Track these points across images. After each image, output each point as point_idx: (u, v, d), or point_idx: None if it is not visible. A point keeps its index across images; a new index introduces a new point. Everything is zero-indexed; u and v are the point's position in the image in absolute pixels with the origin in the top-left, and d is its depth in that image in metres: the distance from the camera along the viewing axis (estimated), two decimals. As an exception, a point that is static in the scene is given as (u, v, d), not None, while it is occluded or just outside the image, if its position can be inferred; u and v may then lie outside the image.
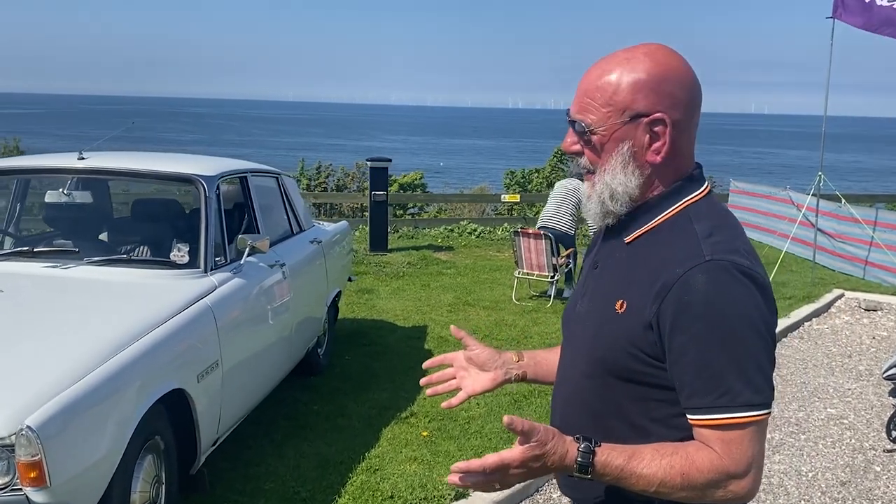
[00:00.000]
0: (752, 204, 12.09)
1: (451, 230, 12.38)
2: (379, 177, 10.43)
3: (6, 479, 2.52)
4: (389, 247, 10.50)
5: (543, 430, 1.40)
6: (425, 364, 1.83)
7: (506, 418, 1.40)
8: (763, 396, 1.39)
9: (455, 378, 1.83)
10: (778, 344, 7.00)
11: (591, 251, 1.76)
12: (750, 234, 11.98)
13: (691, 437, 1.44)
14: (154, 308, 3.39)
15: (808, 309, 7.97)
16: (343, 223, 6.67)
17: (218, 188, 4.20)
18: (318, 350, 5.60)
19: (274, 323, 4.39)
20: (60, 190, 4.22)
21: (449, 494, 3.89)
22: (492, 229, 12.68)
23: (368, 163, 10.55)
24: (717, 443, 1.39)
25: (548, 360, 1.84)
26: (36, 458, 2.45)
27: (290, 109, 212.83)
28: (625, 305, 1.48)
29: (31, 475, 2.47)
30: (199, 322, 3.54)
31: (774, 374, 1.44)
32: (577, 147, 1.53)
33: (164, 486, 3.29)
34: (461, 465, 1.43)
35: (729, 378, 1.37)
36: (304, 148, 52.22)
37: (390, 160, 10.70)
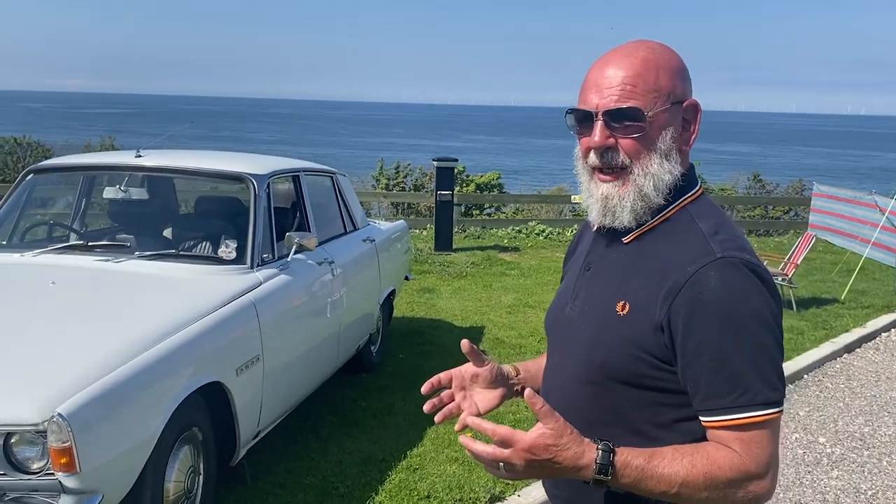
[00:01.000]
0: (834, 208, 11.60)
1: (520, 231, 12.31)
2: (445, 177, 10.45)
3: (41, 464, 2.62)
4: (455, 246, 10.52)
5: (563, 422, 1.35)
6: (424, 389, 1.65)
7: (527, 392, 1.36)
8: (779, 394, 1.36)
9: (454, 398, 1.66)
10: (850, 354, 6.70)
11: (573, 252, 1.71)
12: (831, 238, 11.48)
13: (698, 442, 1.39)
14: (195, 302, 3.47)
15: (886, 319, 7.60)
16: (401, 222, 6.70)
17: (268, 187, 4.27)
18: (371, 348, 5.64)
19: (320, 320, 4.44)
20: (117, 186, 4.37)
21: (483, 497, 3.86)
22: (560, 230, 12.54)
23: (435, 163, 10.58)
24: (735, 443, 1.34)
25: (539, 369, 1.78)
26: (66, 444, 2.54)
27: (373, 110, 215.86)
28: (627, 307, 1.43)
29: (62, 461, 2.56)
30: (241, 317, 3.61)
31: (842, 385, 1.37)
32: (612, 140, 1.46)
33: (200, 477, 3.37)
34: (475, 420, 1.42)
35: (748, 377, 1.34)
36: (385, 148, 52.83)
37: (457, 160, 10.71)
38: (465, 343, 1.62)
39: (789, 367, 6.17)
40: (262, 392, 3.72)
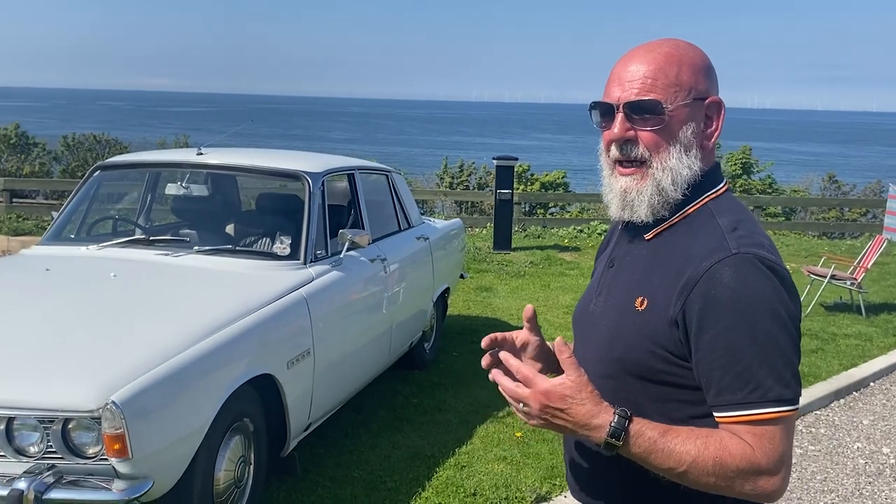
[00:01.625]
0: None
1: (581, 230, 12.21)
2: (505, 175, 10.44)
3: (96, 449, 2.73)
4: (514, 246, 10.50)
5: (586, 379, 1.37)
6: (484, 343, 1.61)
7: (557, 340, 1.39)
8: (792, 391, 1.35)
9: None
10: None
11: (604, 249, 1.72)
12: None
13: None
14: (248, 296, 3.57)
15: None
16: (456, 220, 6.74)
17: (323, 184, 4.36)
18: (425, 345, 5.69)
19: (372, 316, 4.51)
20: (179, 183, 4.52)
21: (529, 497, 3.86)
22: (624, 230, 12.38)
23: (495, 161, 10.58)
24: (748, 437, 1.34)
25: None
26: (119, 431, 2.64)
27: (441, 108, 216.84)
28: (645, 302, 1.45)
29: (115, 447, 2.66)
30: (293, 311, 3.69)
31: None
32: (632, 133, 1.48)
33: (251, 467, 3.46)
34: (505, 354, 1.45)
35: (759, 373, 1.33)
36: (451, 146, 53.05)
37: (517, 159, 10.69)
38: (529, 308, 1.62)
39: (855, 374, 5.98)
40: (313, 385, 3.80)
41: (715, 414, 1.38)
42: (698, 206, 1.49)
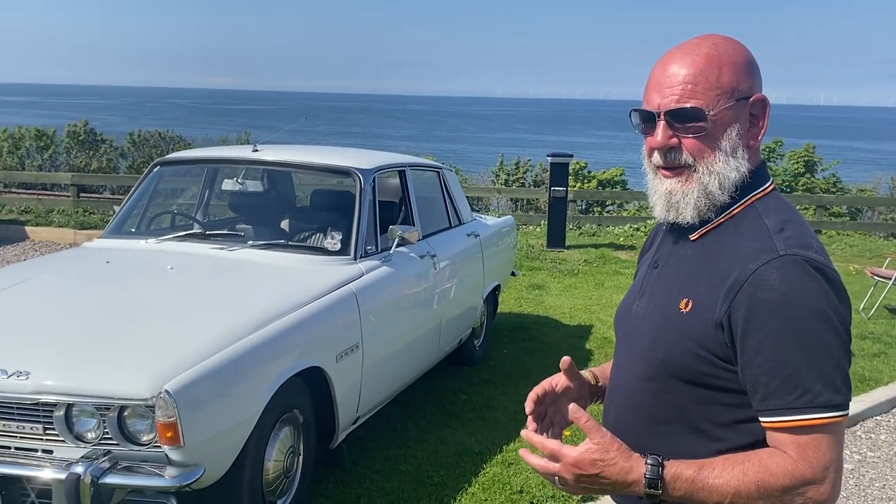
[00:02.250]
0: None
1: (637, 229, 12.05)
2: (559, 172, 10.36)
3: (150, 436, 2.82)
4: (568, 243, 10.43)
5: (610, 437, 1.37)
6: (528, 410, 1.64)
7: (571, 406, 1.39)
8: (842, 397, 1.32)
9: (546, 414, 1.67)
10: None
11: (647, 250, 1.70)
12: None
13: (760, 443, 1.37)
14: (299, 290, 3.63)
15: None
16: (508, 218, 6.73)
17: (374, 181, 4.41)
18: (475, 342, 5.70)
19: (420, 311, 4.54)
20: (235, 179, 4.62)
21: (576, 496, 3.84)
22: (681, 229, 12.18)
23: (549, 158, 10.51)
24: (792, 447, 1.32)
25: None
26: (172, 419, 2.72)
27: (499, 106, 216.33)
28: (690, 304, 1.43)
29: (168, 435, 2.74)
30: (342, 306, 3.75)
31: None
32: (675, 140, 1.46)
33: (300, 457, 3.53)
34: (528, 433, 1.47)
35: (807, 377, 1.30)
36: (508, 144, 52.89)
37: (571, 156, 10.61)
38: (565, 360, 1.66)
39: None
40: (361, 379, 3.85)
41: (761, 419, 1.35)
42: (744, 206, 1.47)
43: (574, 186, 14.56)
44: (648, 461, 1.34)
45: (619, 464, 1.35)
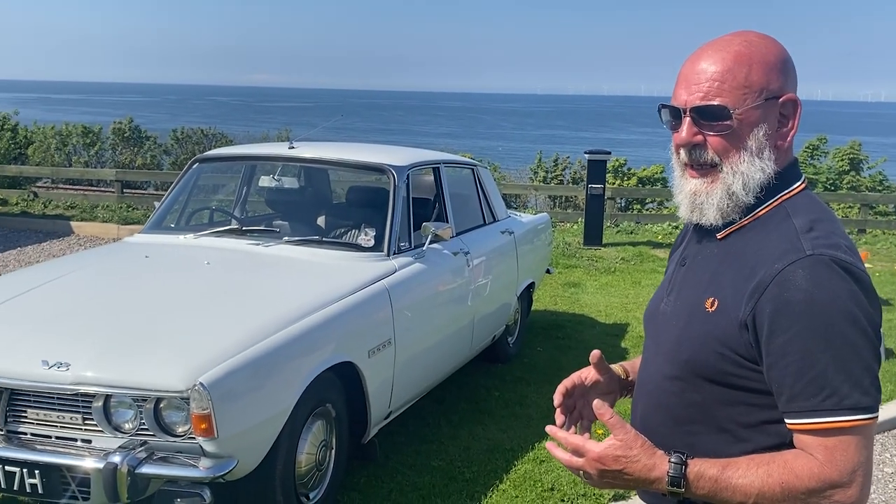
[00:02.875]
0: None
1: (676, 227, 11.91)
2: (597, 170, 10.30)
3: (185, 428, 2.88)
4: (605, 241, 10.36)
5: (634, 434, 1.38)
6: (556, 402, 1.67)
7: (596, 402, 1.40)
8: (871, 399, 1.30)
9: (575, 407, 1.70)
10: None
11: (677, 247, 1.70)
12: None
13: (786, 445, 1.36)
14: (332, 286, 3.67)
15: None
16: (543, 215, 6.71)
17: (407, 178, 4.43)
18: (508, 339, 5.70)
19: (453, 308, 4.56)
20: (272, 176, 4.69)
21: (607, 494, 3.82)
22: (722, 227, 12.02)
23: (587, 155, 10.46)
24: (819, 450, 1.30)
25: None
26: (206, 411, 2.77)
27: (538, 102, 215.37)
28: (716, 304, 1.42)
29: (202, 426, 2.80)
30: (375, 302, 3.78)
31: None
32: (700, 138, 1.45)
33: (332, 451, 3.57)
34: (552, 428, 1.48)
35: (835, 379, 1.29)
36: (547, 140, 52.62)
37: (609, 153, 10.55)
38: (595, 353, 1.67)
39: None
40: (394, 374, 3.87)
41: (787, 421, 1.34)
42: (773, 205, 1.45)
43: (613, 184, 14.44)
44: (672, 459, 1.35)
45: (643, 461, 1.35)
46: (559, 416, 1.65)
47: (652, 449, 1.36)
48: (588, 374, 1.70)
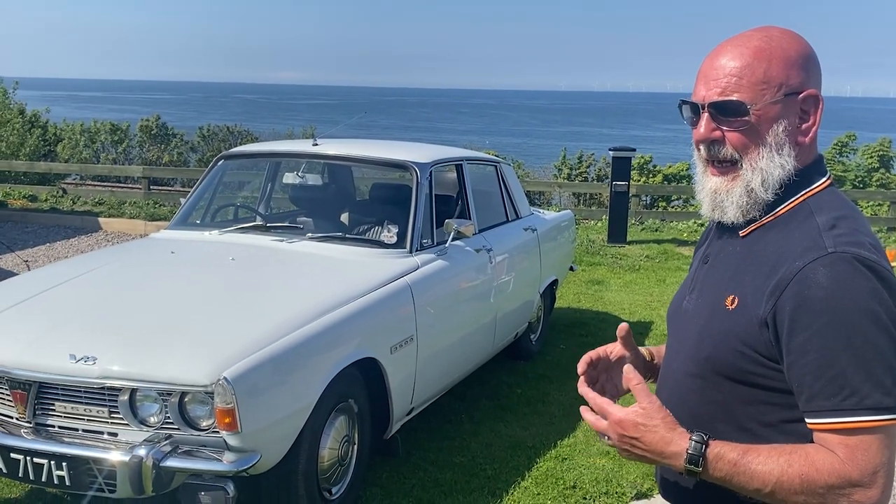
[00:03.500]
0: None
1: (703, 224, 11.82)
2: (621, 167, 10.25)
3: (209, 422, 2.91)
4: (629, 239, 10.31)
5: (658, 405, 1.38)
6: (580, 370, 1.66)
7: (627, 366, 1.42)
8: (893, 399, 1.28)
9: (598, 381, 1.70)
10: None
11: (701, 245, 1.69)
12: None
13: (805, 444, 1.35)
14: (355, 282, 3.69)
15: None
16: (567, 212, 6.69)
17: (430, 175, 4.44)
18: (531, 336, 5.70)
19: (476, 305, 4.56)
20: (295, 173, 4.72)
21: (630, 493, 3.81)
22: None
23: (611, 152, 10.40)
24: (840, 448, 1.29)
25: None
26: (230, 406, 2.80)
27: (564, 99, 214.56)
28: (736, 301, 1.42)
29: (226, 420, 2.82)
30: (397, 298, 3.79)
31: None
32: (718, 133, 1.45)
33: (355, 446, 3.59)
34: (583, 388, 1.52)
35: (855, 379, 1.28)
36: (572, 137, 52.42)
37: (634, 150, 10.49)
38: (623, 326, 1.67)
39: None
40: (416, 371, 3.89)
41: (807, 420, 1.33)
42: (797, 202, 1.44)
43: (638, 181, 14.36)
44: (693, 437, 1.34)
45: (661, 433, 1.35)
46: (582, 385, 1.62)
47: (673, 423, 1.36)
48: (614, 348, 1.70)
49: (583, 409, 1.48)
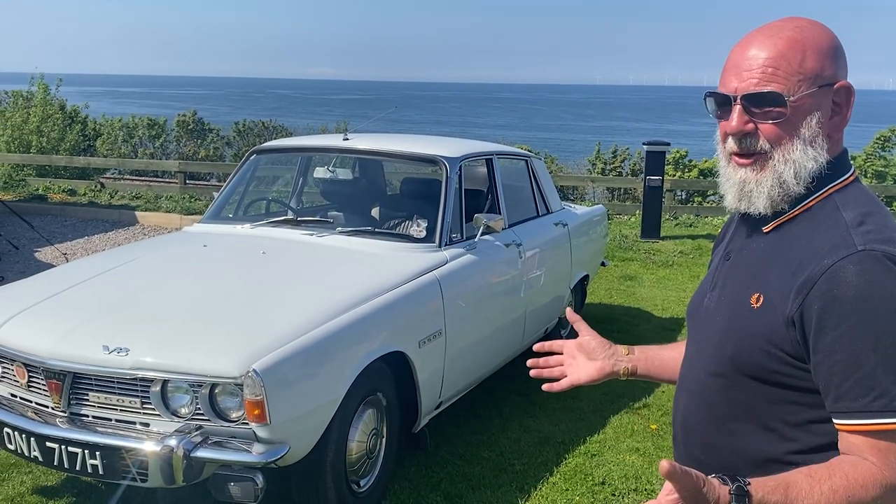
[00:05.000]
0: None
1: (738, 220, 11.69)
2: (655, 161, 10.14)
3: (239, 413, 2.94)
4: (663, 234, 10.20)
5: (693, 478, 1.20)
6: (535, 347, 1.87)
7: (662, 465, 1.19)
8: None
9: (562, 365, 1.82)
10: None
11: (721, 241, 1.66)
12: None
13: (834, 445, 1.32)
14: (384, 276, 3.71)
15: None
16: (598, 207, 6.65)
17: (460, 169, 4.43)
18: (561, 332, 5.66)
19: (505, 300, 4.55)
20: (326, 167, 4.74)
21: (660, 490, 3.77)
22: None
23: (645, 147, 10.30)
24: (871, 452, 1.26)
25: (661, 356, 1.78)
26: (259, 398, 2.83)
27: (597, 93, 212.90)
28: (761, 300, 1.38)
29: (255, 412, 2.85)
30: (426, 292, 3.80)
31: None
32: (751, 126, 1.41)
33: (383, 440, 3.60)
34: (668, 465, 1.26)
35: (884, 380, 1.25)
36: (607, 132, 52.02)
37: (668, 144, 10.37)
38: (568, 311, 1.83)
39: None
40: (444, 365, 3.89)
41: (835, 421, 1.30)
42: (821, 197, 1.41)
43: (673, 175, 14.18)
44: (732, 490, 1.21)
45: (710, 498, 1.19)
46: (531, 362, 1.81)
47: (712, 483, 1.22)
48: (577, 340, 1.83)
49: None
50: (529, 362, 1.85)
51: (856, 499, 1.24)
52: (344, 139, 4.75)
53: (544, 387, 1.83)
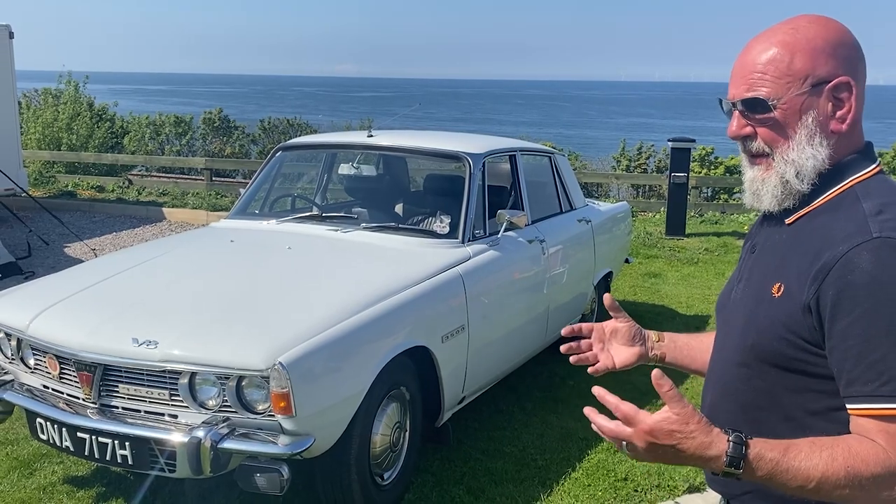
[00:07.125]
0: None
1: (764, 217, 11.59)
2: (680, 158, 10.08)
3: (265, 406, 2.99)
4: (688, 231, 10.14)
5: (691, 409, 1.35)
6: (563, 331, 1.85)
7: (655, 372, 1.34)
8: None
9: (591, 349, 1.83)
10: None
11: (750, 236, 1.69)
12: None
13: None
14: (407, 272, 3.74)
15: None
16: (622, 203, 6.63)
17: (483, 165, 4.45)
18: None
19: (528, 296, 4.57)
20: (350, 164, 4.78)
21: (682, 486, 3.78)
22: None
23: (670, 143, 10.24)
24: (881, 436, 1.28)
25: (689, 345, 1.82)
26: (285, 390, 2.87)
27: (624, 89, 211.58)
28: (782, 289, 1.42)
29: (281, 405, 2.90)
30: (449, 288, 3.82)
31: None
32: (749, 129, 1.47)
33: (406, 433, 3.64)
34: (600, 390, 1.41)
35: (895, 365, 1.27)
36: (632, 128, 51.70)
37: (693, 140, 10.30)
38: (606, 297, 1.80)
39: None
40: (467, 360, 3.91)
41: (847, 405, 1.33)
42: (843, 189, 1.44)
43: (699, 172, 14.08)
44: (731, 438, 1.30)
45: (699, 438, 1.31)
46: (599, 389, 1.57)
47: (709, 426, 1.32)
48: (608, 323, 1.82)
49: (591, 413, 1.40)
50: (563, 348, 1.82)
51: (855, 471, 1.26)
52: (368, 136, 4.78)
53: (590, 369, 1.81)
